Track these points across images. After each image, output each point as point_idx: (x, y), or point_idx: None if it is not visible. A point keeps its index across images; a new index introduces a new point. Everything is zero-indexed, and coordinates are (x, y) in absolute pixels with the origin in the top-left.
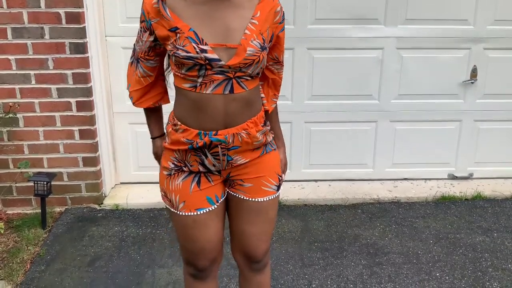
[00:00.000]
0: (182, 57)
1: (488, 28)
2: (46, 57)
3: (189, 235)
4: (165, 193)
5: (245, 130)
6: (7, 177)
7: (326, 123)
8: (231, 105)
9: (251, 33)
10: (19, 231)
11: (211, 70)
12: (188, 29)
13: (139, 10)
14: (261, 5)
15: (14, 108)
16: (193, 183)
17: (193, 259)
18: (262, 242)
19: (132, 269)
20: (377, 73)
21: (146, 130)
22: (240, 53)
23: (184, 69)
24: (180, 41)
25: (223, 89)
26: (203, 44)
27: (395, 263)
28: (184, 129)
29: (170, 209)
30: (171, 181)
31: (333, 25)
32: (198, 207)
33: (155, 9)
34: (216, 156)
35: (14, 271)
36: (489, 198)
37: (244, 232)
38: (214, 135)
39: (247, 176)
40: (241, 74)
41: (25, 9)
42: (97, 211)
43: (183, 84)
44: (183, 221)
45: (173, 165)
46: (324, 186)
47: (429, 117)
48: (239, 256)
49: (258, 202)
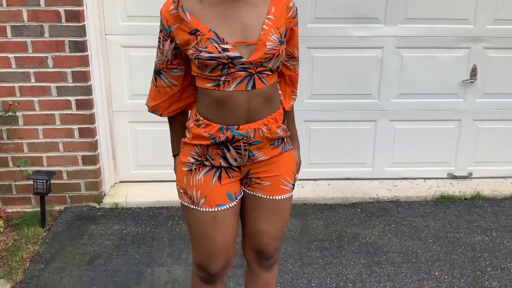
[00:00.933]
0: (205, 58)
1: (488, 28)
2: (46, 55)
3: (207, 234)
4: (184, 190)
5: (266, 125)
6: (7, 175)
7: (325, 122)
8: (253, 101)
9: (269, 28)
10: (19, 230)
11: (233, 68)
12: (208, 30)
13: (139, 8)
14: (274, 2)
15: (14, 106)
16: (214, 178)
17: (207, 262)
18: (276, 239)
19: (132, 267)
20: (377, 72)
21: (146, 128)
22: (260, 48)
23: (208, 70)
24: (201, 43)
25: (245, 85)
26: (224, 43)
27: (394, 262)
28: (207, 124)
29: (189, 207)
30: (191, 176)
31: (333, 24)
32: (218, 203)
33: (173, 15)
34: (238, 149)
35: (14, 270)
36: (489, 198)
37: (259, 230)
38: (236, 130)
39: (266, 174)
40: (262, 69)
41: (24, 7)
42: (97, 209)
43: (205, 84)
44: (202, 218)
45: (193, 159)
46: (323, 185)
47: (428, 117)
48: (251, 253)
49: (276, 201)
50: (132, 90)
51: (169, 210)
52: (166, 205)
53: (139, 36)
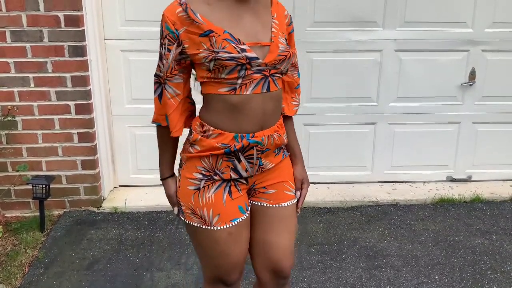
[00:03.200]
0: (225, 59)
1: (486, 31)
2: (45, 60)
3: (222, 251)
4: (192, 210)
5: (276, 132)
6: (6, 180)
7: (325, 126)
8: (268, 104)
9: (277, 31)
10: (18, 234)
11: (250, 70)
12: (222, 31)
13: (138, 13)
14: (274, 8)
15: (13, 111)
16: (225, 194)
17: (224, 275)
18: (290, 254)
19: (131, 272)
20: (375, 75)
21: (145, 133)
22: (274, 50)
23: (225, 72)
24: (217, 44)
25: (261, 88)
26: (241, 43)
27: (394, 266)
28: (219, 133)
29: (200, 227)
30: (200, 195)
31: (331, 28)
32: (232, 217)
33: (181, 17)
34: (250, 159)
35: (13, 275)
36: (488, 201)
37: (270, 243)
38: (252, 137)
39: (271, 181)
40: (275, 72)
41: (24, 12)
42: (96, 214)
43: (219, 90)
44: (217, 237)
45: (201, 175)
46: (323, 188)
47: (427, 120)
48: (266, 273)
49: (282, 208)
50: (131, 94)
51: (168, 215)
52: (165, 209)
53: (139, 40)
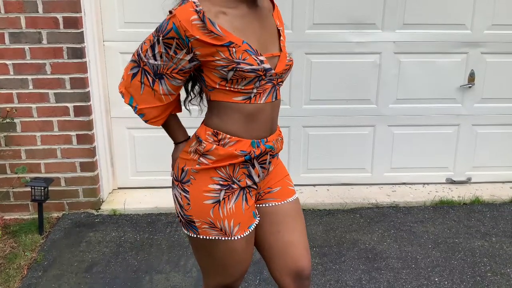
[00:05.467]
0: (247, 71)
1: (485, 33)
2: (44, 62)
3: (239, 259)
4: (211, 224)
5: (279, 135)
6: (4, 182)
7: (324, 128)
8: (275, 111)
9: (283, 39)
10: (16, 237)
11: (264, 80)
12: (241, 42)
13: (137, 14)
14: (275, 13)
15: (12, 113)
16: (243, 202)
17: (232, 282)
18: (307, 251)
19: (130, 274)
20: (375, 77)
21: (144, 135)
22: (283, 60)
23: (244, 83)
24: (237, 54)
25: (272, 97)
26: (259, 55)
27: (393, 268)
28: (237, 141)
29: (219, 240)
30: (221, 208)
31: (330, 30)
32: (249, 224)
33: (194, 26)
34: (263, 164)
35: (11, 277)
36: (488, 203)
37: (287, 243)
38: (266, 143)
39: (273, 180)
40: (280, 80)
41: (22, 14)
42: (95, 216)
43: (234, 98)
44: (236, 247)
45: (219, 186)
46: (322, 190)
47: (427, 122)
48: (287, 276)
49: (290, 203)
50: None
51: (167, 217)
52: (164, 211)
53: (138, 42)
